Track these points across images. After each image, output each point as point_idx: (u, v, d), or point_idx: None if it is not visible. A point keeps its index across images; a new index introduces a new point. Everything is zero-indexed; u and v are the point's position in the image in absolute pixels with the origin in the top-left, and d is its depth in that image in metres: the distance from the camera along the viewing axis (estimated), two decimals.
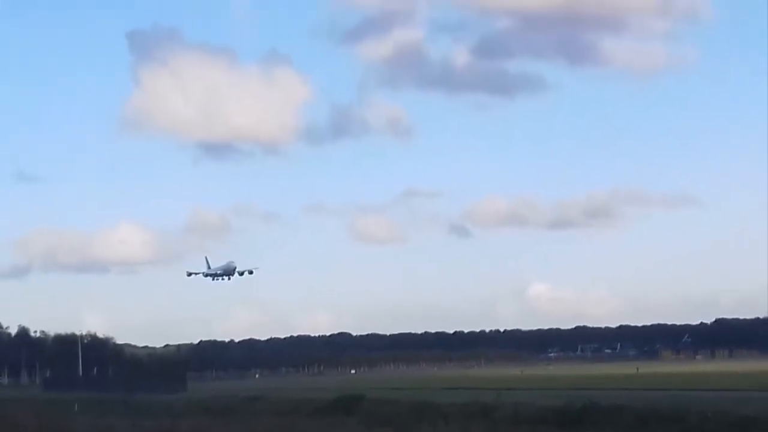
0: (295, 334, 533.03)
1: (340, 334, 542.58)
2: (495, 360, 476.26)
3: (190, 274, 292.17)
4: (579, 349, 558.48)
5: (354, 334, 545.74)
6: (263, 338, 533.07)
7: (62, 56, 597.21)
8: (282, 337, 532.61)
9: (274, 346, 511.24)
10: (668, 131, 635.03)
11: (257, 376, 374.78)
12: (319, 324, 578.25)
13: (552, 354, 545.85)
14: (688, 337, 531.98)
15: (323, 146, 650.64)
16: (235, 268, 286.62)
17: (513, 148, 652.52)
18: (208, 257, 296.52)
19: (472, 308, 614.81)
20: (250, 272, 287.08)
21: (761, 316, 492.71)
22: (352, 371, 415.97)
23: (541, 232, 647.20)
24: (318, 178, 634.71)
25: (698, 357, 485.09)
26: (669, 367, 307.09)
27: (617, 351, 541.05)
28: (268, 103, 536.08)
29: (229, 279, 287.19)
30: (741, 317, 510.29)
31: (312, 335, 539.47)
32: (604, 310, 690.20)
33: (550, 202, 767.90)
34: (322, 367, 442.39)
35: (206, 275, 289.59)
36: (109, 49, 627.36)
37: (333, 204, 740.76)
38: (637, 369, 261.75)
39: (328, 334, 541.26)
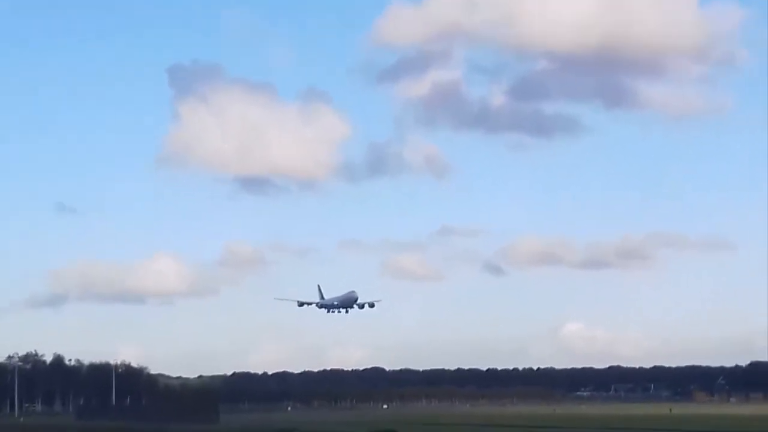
0: (328, 368, 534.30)
1: (374, 368, 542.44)
2: (528, 398, 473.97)
3: (301, 304, 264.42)
4: (612, 389, 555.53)
5: (387, 369, 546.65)
6: (296, 371, 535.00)
7: (103, 90, 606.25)
8: (315, 370, 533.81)
9: (306, 379, 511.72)
10: (703, 175, 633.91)
11: (289, 408, 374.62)
12: (353, 358, 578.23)
13: (585, 393, 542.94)
14: (722, 380, 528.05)
15: (360, 183, 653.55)
16: (357, 299, 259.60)
17: (549, 188, 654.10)
18: (320, 286, 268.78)
19: (505, 346, 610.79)
20: (371, 305, 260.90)
21: None
22: (384, 406, 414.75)
23: (575, 271, 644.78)
24: (354, 214, 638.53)
25: (732, 400, 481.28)
26: (703, 408, 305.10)
27: (651, 392, 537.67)
28: (306, 140, 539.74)
29: (347, 312, 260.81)
30: None
31: (345, 369, 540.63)
32: (638, 351, 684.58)
33: (585, 243, 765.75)
34: (354, 401, 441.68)
35: (321, 306, 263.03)
36: (149, 84, 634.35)
37: (368, 240, 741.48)
38: (671, 410, 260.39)
39: (361, 368, 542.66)
